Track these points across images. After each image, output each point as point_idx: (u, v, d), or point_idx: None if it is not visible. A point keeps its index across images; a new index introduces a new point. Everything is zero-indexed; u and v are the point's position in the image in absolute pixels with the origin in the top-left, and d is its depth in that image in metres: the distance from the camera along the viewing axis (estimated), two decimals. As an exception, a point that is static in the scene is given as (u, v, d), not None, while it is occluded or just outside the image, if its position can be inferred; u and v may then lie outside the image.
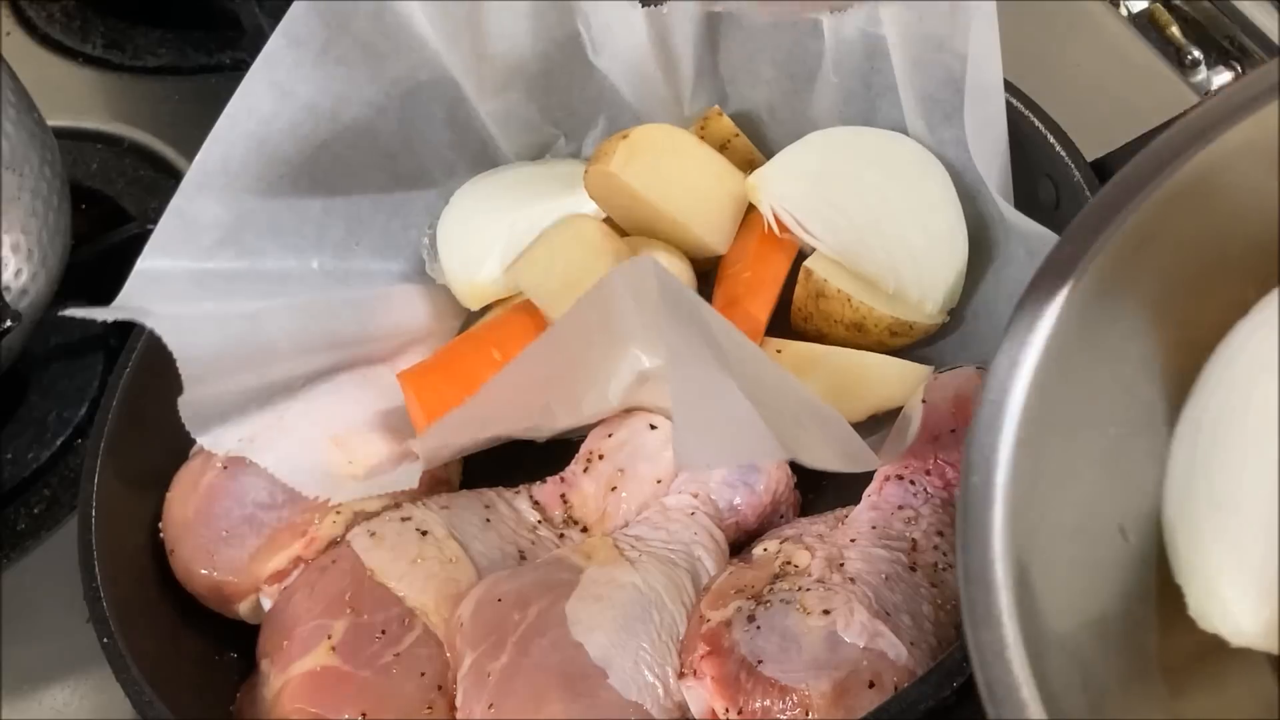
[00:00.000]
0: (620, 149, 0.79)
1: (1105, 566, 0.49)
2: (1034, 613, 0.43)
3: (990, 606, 0.43)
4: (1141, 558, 0.50)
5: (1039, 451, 0.46)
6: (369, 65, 0.81)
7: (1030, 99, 0.76)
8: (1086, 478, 0.49)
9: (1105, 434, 0.49)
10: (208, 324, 0.74)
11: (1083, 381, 0.48)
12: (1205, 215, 0.49)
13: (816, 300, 0.78)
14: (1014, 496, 0.45)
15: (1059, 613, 0.45)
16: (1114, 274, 0.48)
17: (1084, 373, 0.48)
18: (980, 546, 0.44)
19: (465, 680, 0.66)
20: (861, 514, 0.69)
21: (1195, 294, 0.51)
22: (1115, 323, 0.49)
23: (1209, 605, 0.47)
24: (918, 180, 0.77)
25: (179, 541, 0.75)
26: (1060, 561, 0.46)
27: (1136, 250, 0.48)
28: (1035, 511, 0.45)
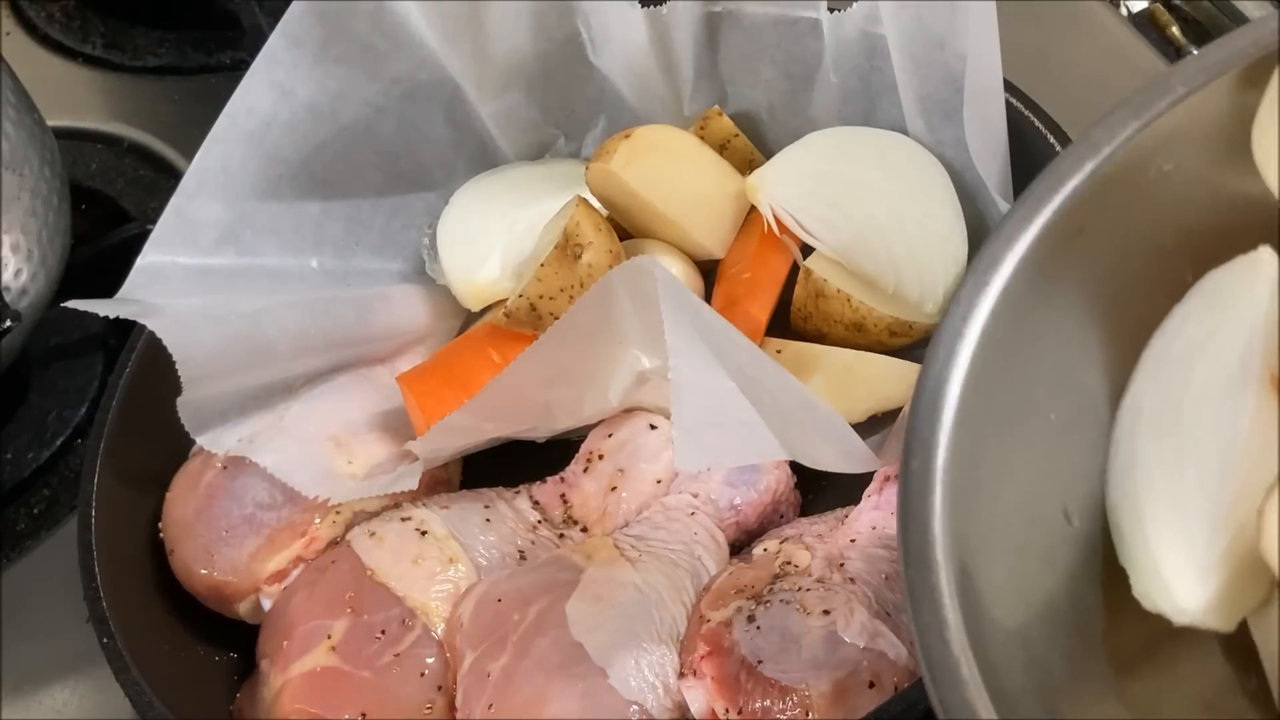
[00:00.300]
0: (621, 148, 0.79)
1: (1050, 550, 0.49)
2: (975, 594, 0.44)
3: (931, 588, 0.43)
4: (1086, 542, 0.50)
5: (979, 437, 0.46)
6: (368, 65, 0.81)
7: (1030, 99, 0.76)
8: (1029, 463, 0.49)
9: (1046, 420, 0.50)
10: (207, 324, 0.74)
11: (1022, 368, 0.49)
12: (1139, 202, 0.50)
13: (816, 300, 0.78)
14: (954, 481, 0.45)
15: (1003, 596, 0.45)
16: (1049, 261, 0.48)
17: (1023, 359, 0.49)
18: (920, 529, 0.44)
19: (465, 680, 0.66)
20: (862, 514, 0.69)
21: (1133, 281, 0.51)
22: (1052, 310, 0.49)
23: (1151, 585, 0.48)
24: (918, 180, 0.77)
25: (179, 541, 0.75)
26: (1004, 545, 0.47)
27: (1071, 238, 0.48)
28: (976, 496, 0.46)
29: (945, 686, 0.42)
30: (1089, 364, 0.51)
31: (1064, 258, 0.48)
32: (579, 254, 0.75)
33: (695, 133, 0.84)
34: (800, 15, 0.80)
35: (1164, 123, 0.48)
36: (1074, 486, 0.50)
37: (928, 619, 0.43)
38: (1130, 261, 0.50)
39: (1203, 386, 0.49)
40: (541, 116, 0.89)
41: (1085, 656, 0.48)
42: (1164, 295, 0.51)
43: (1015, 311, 0.47)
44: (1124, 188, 0.49)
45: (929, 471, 0.45)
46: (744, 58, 0.84)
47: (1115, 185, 0.48)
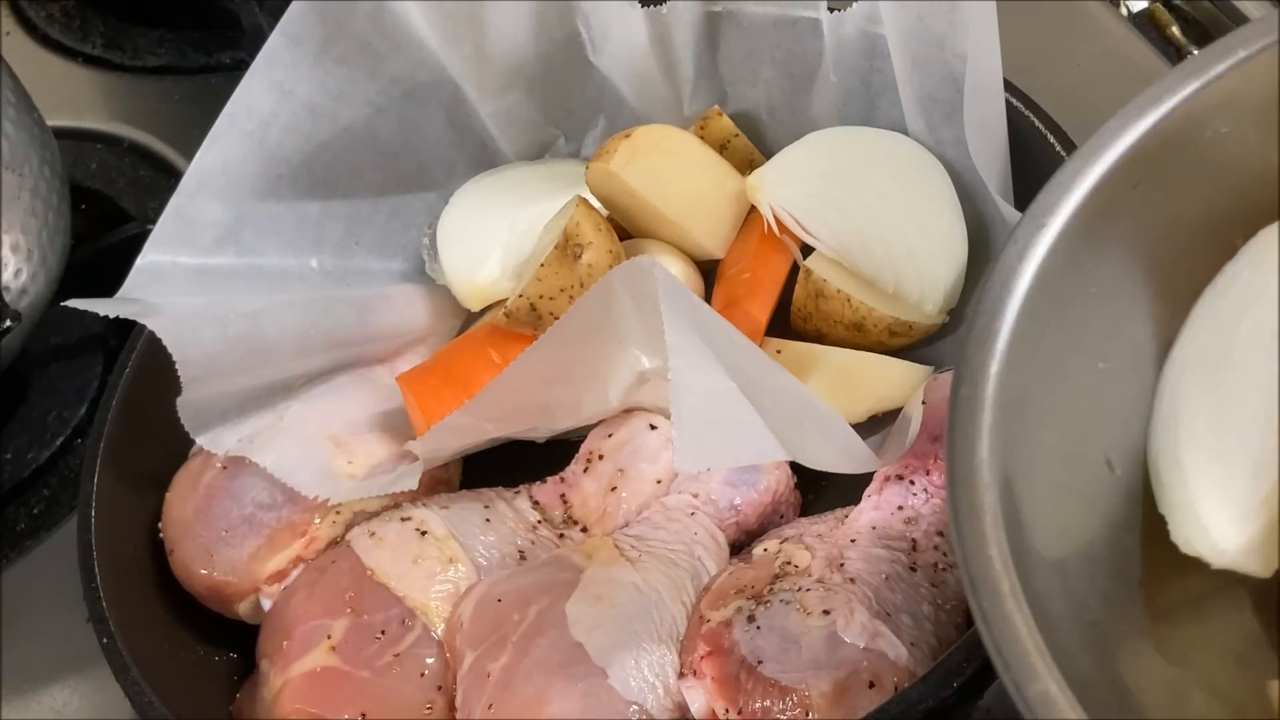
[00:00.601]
0: (622, 148, 0.79)
1: (1091, 494, 0.50)
2: (1018, 521, 0.44)
3: (975, 506, 0.44)
4: (1127, 490, 0.51)
5: (1028, 372, 0.47)
6: (368, 65, 0.81)
7: (1030, 99, 0.76)
8: (1075, 406, 0.50)
9: (1094, 367, 0.51)
10: (207, 324, 0.74)
11: (1072, 312, 0.50)
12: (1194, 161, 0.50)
13: (816, 300, 0.78)
14: (1002, 410, 0.46)
15: (1044, 528, 0.46)
16: (1104, 212, 0.49)
17: (1074, 304, 0.50)
18: (967, 450, 0.45)
19: (465, 680, 0.66)
20: (862, 514, 0.69)
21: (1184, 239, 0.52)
22: (1104, 260, 0.50)
23: (1190, 528, 0.49)
24: (917, 180, 0.77)
25: (179, 541, 0.75)
26: (1047, 481, 0.47)
27: (1127, 191, 0.49)
28: (1022, 429, 0.47)
29: (987, 599, 0.42)
30: (1138, 317, 0.52)
31: (1119, 210, 0.49)
32: (579, 254, 0.75)
33: (695, 133, 0.84)
34: (800, 15, 0.80)
35: (1223, 85, 0.49)
36: (1117, 435, 0.51)
37: (972, 536, 0.43)
38: (1182, 220, 0.51)
39: (1249, 339, 0.49)
40: (541, 116, 0.89)
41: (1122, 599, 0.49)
42: (1214, 256, 0.52)
43: (1069, 256, 0.49)
44: (1181, 146, 0.50)
45: (979, 398, 0.46)
46: (744, 58, 0.84)
47: (1172, 143, 0.49)
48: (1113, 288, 0.51)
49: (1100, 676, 0.43)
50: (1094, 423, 0.51)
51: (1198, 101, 0.49)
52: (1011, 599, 0.42)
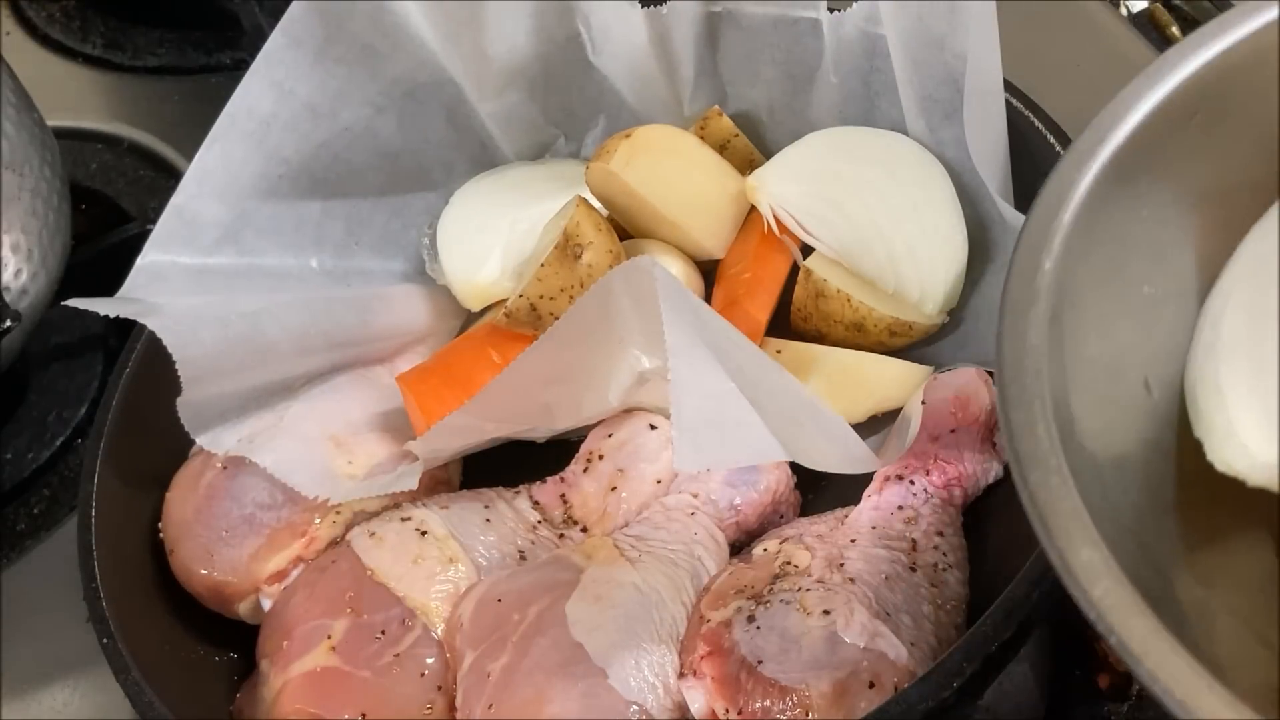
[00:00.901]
0: (622, 148, 0.79)
1: (1129, 412, 0.51)
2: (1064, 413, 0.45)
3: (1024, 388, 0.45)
4: (1163, 415, 0.51)
5: (1077, 281, 0.48)
6: (368, 65, 0.81)
7: (1030, 99, 0.76)
8: (1118, 325, 0.51)
9: (1139, 290, 0.51)
10: (207, 324, 0.74)
11: (1121, 232, 0.50)
12: (1249, 102, 0.51)
13: (816, 300, 0.78)
14: (1052, 308, 0.47)
15: (1086, 430, 0.47)
16: (1158, 139, 0.50)
17: (1123, 224, 0.50)
18: (1017, 337, 0.46)
19: (465, 680, 0.66)
20: (861, 514, 0.69)
21: (1236, 179, 0.52)
22: (1155, 188, 0.51)
23: (1228, 447, 0.49)
24: (917, 180, 0.77)
25: (179, 541, 0.75)
26: (1088, 389, 0.48)
27: (1182, 121, 0.50)
28: (1069, 335, 0.47)
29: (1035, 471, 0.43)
30: (1184, 246, 0.52)
31: (1174, 137, 0.50)
32: (579, 254, 0.75)
33: (695, 133, 0.84)
34: (800, 15, 0.80)
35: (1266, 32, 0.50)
36: (1157, 360, 0.52)
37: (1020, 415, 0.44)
38: (1236, 156, 0.52)
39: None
40: (541, 117, 0.89)
41: (1155, 515, 0.49)
42: (1264, 194, 0.52)
43: (1124, 174, 0.49)
44: (1241, 82, 0.50)
45: (1034, 289, 0.47)
46: (744, 58, 0.84)
47: (1232, 78, 0.50)
48: (1163, 214, 0.51)
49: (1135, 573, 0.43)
50: (1136, 343, 0.51)
51: (1262, 38, 0.50)
52: (1058, 475, 0.43)
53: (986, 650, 0.56)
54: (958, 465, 0.70)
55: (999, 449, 0.72)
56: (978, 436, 0.71)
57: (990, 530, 0.71)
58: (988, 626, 0.57)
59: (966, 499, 0.71)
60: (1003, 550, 0.68)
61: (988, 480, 0.72)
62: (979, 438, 0.72)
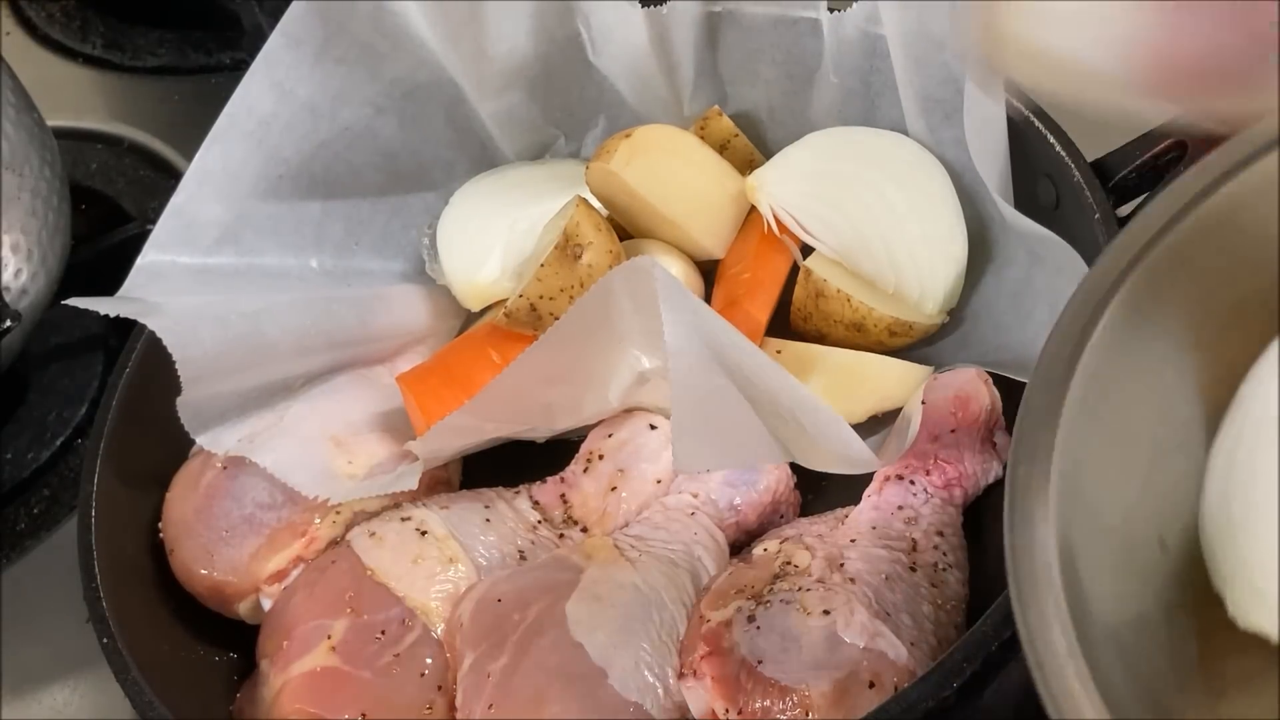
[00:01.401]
0: (622, 148, 0.79)
1: (1145, 573, 0.50)
2: (1079, 598, 0.44)
3: (1038, 588, 0.44)
4: (1180, 570, 0.51)
5: (1081, 453, 0.47)
6: (368, 65, 0.81)
7: (1030, 99, 0.76)
8: (1127, 487, 0.50)
9: (1144, 448, 0.51)
10: (208, 324, 0.74)
11: (1122, 394, 0.49)
12: (1234, 244, 0.50)
13: (816, 300, 0.78)
14: (1059, 489, 0.46)
15: (1103, 608, 0.46)
16: (1150, 293, 0.49)
17: (1123, 385, 0.49)
18: (1027, 527, 0.45)
19: (465, 680, 0.66)
20: (861, 514, 0.69)
21: (1229, 319, 0.52)
22: (1152, 342, 0.50)
23: (1249, 602, 0.48)
24: (917, 180, 0.77)
25: (179, 541, 0.75)
26: (1103, 562, 0.47)
27: (1172, 272, 0.49)
28: (1078, 509, 0.46)
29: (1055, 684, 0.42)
30: (1185, 396, 0.52)
31: (1165, 290, 0.49)
32: (579, 254, 0.75)
33: (695, 133, 0.84)
34: (800, 15, 0.80)
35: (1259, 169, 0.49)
36: (1168, 515, 0.51)
37: (1036, 619, 0.43)
38: (1227, 297, 0.51)
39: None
40: (541, 117, 0.89)
41: (1179, 677, 0.49)
42: (1260, 332, 0.52)
43: (1117, 337, 0.48)
44: (1223, 227, 0.50)
45: (1037, 475, 0.46)
46: (744, 58, 0.84)
47: (1215, 224, 0.49)
48: (1160, 370, 0.51)
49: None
50: (1145, 502, 0.51)
51: (1246, 179, 0.49)
52: (1078, 680, 0.42)
53: (986, 650, 0.56)
54: (958, 465, 0.70)
55: (999, 449, 0.72)
56: (978, 436, 0.71)
57: (990, 530, 0.71)
58: (988, 626, 0.57)
59: (966, 499, 0.71)
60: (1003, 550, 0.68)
61: (988, 480, 0.72)
62: (979, 438, 0.72)
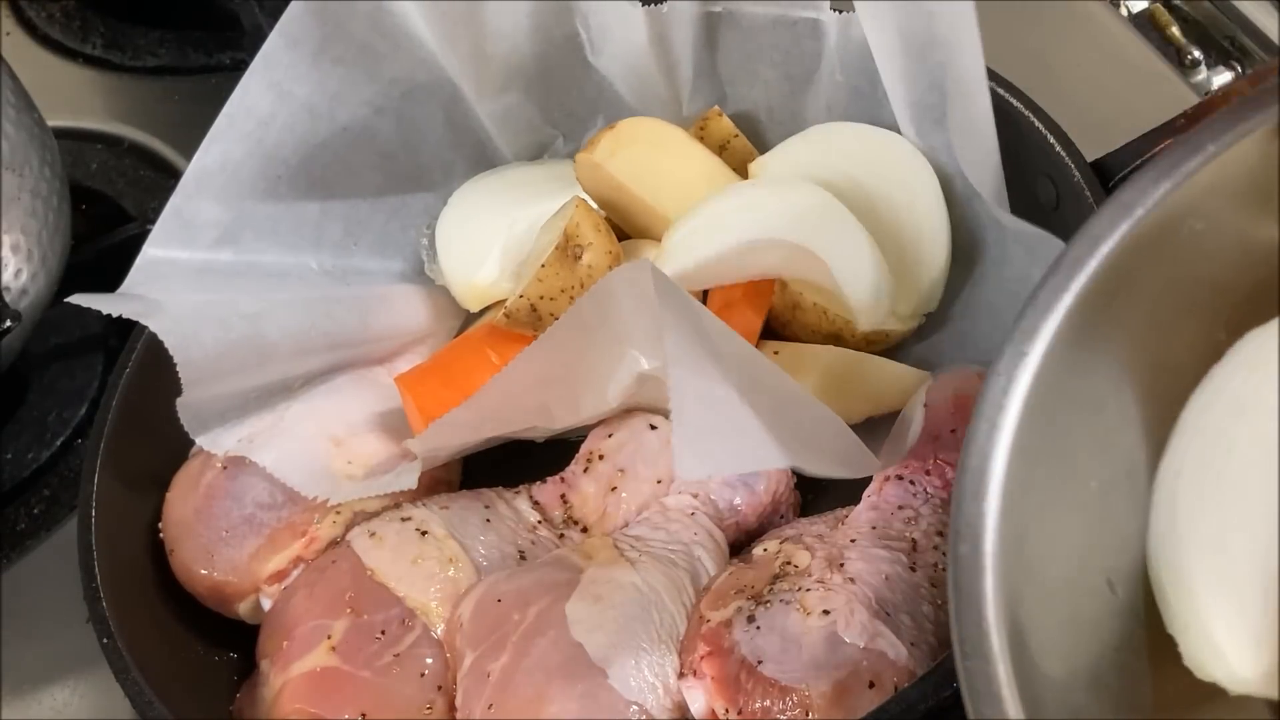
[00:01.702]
0: (605, 139, 0.79)
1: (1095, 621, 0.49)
2: (1031, 679, 0.43)
3: (989, 678, 0.43)
4: (1130, 610, 0.50)
5: (1024, 513, 0.46)
6: (367, 65, 0.81)
7: (1030, 99, 0.76)
8: (1071, 534, 0.49)
9: (1087, 488, 0.49)
10: (208, 325, 0.74)
11: (1062, 436, 0.48)
12: (1171, 262, 0.49)
13: (793, 311, 0.78)
14: (1003, 562, 0.45)
15: (1055, 673, 0.45)
16: (1085, 327, 0.48)
17: (1063, 429, 0.48)
18: (974, 616, 0.44)
19: (465, 680, 0.66)
20: (861, 514, 0.69)
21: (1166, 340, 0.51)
22: (1090, 375, 0.49)
23: (1205, 655, 0.47)
24: (904, 182, 0.77)
25: (179, 541, 0.75)
26: (1052, 622, 0.46)
27: (1106, 302, 0.48)
28: (1024, 574, 0.45)
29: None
30: (1126, 426, 0.50)
31: (1100, 321, 0.48)
32: (579, 255, 0.75)
33: (695, 133, 0.84)
34: (800, 16, 0.80)
35: (1195, 181, 0.48)
36: (1115, 554, 0.50)
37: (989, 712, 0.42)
38: (1163, 322, 0.50)
39: (1248, 450, 0.48)
40: (540, 117, 0.89)
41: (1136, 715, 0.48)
42: (1198, 354, 0.51)
43: (1054, 380, 0.47)
44: (1156, 249, 0.49)
45: (979, 555, 0.45)
46: (743, 58, 0.84)
47: (1148, 247, 0.48)
48: (1100, 401, 0.50)
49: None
50: (1092, 546, 0.49)
51: (1170, 203, 0.48)
52: None
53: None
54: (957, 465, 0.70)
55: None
56: (977, 436, 0.71)
57: (990, 530, 0.70)
58: (987, 627, 0.57)
59: (966, 499, 0.71)
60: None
61: (987, 480, 0.72)
62: (979, 438, 0.71)
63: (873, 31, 0.75)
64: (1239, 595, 0.46)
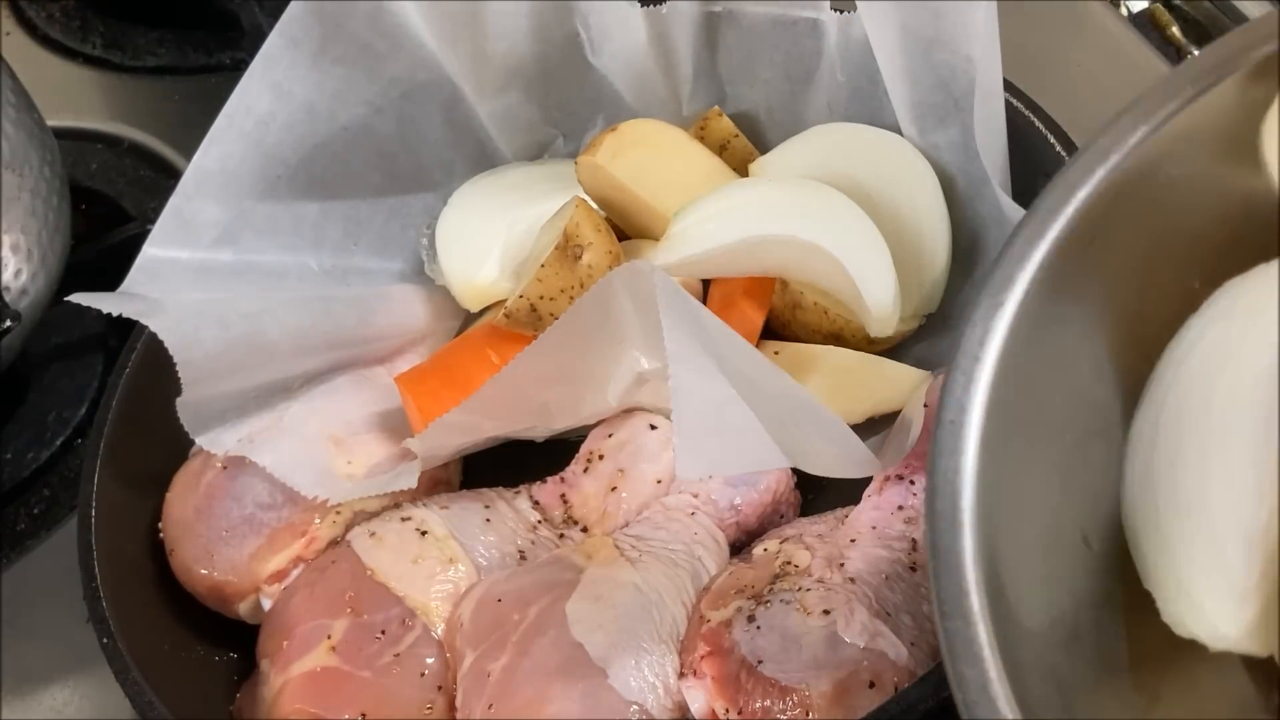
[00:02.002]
0: (607, 141, 0.79)
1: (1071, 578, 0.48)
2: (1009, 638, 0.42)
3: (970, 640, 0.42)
4: (1106, 565, 0.49)
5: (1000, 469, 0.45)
6: (366, 65, 0.81)
7: (1030, 99, 0.76)
8: (1047, 489, 0.48)
9: (1062, 441, 0.48)
10: (207, 324, 0.74)
11: (1037, 391, 0.47)
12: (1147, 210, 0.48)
13: (794, 311, 0.78)
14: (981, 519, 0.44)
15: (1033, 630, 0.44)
16: (1060, 276, 0.47)
17: (1038, 382, 0.47)
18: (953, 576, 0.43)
19: (465, 680, 0.66)
20: (862, 514, 0.69)
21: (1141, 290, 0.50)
22: (1065, 326, 0.48)
23: (1185, 611, 0.46)
24: (904, 182, 0.77)
25: (179, 541, 0.75)
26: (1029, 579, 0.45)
27: (1082, 250, 0.47)
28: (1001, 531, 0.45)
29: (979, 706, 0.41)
30: (1101, 378, 0.49)
31: (1075, 271, 0.47)
32: (579, 255, 0.75)
33: (695, 133, 0.84)
34: (800, 16, 0.80)
35: (1171, 127, 0.47)
36: (1089, 508, 0.49)
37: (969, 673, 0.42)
38: (1139, 271, 0.49)
39: (1228, 400, 0.47)
40: (540, 116, 0.89)
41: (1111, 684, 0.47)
42: (1173, 304, 0.50)
43: (1029, 331, 0.46)
44: (1132, 196, 0.47)
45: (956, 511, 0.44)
46: (743, 58, 0.84)
47: (1124, 194, 0.47)
48: (1076, 353, 0.49)
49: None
50: (1067, 501, 0.48)
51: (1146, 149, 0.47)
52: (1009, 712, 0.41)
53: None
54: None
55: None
56: (977, 436, 0.71)
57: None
58: (987, 626, 0.57)
59: (966, 499, 0.71)
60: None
61: (987, 480, 0.72)
62: (979, 437, 0.71)
63: (875, 30, 0.75)
64: (1219, 550, 0.45)
